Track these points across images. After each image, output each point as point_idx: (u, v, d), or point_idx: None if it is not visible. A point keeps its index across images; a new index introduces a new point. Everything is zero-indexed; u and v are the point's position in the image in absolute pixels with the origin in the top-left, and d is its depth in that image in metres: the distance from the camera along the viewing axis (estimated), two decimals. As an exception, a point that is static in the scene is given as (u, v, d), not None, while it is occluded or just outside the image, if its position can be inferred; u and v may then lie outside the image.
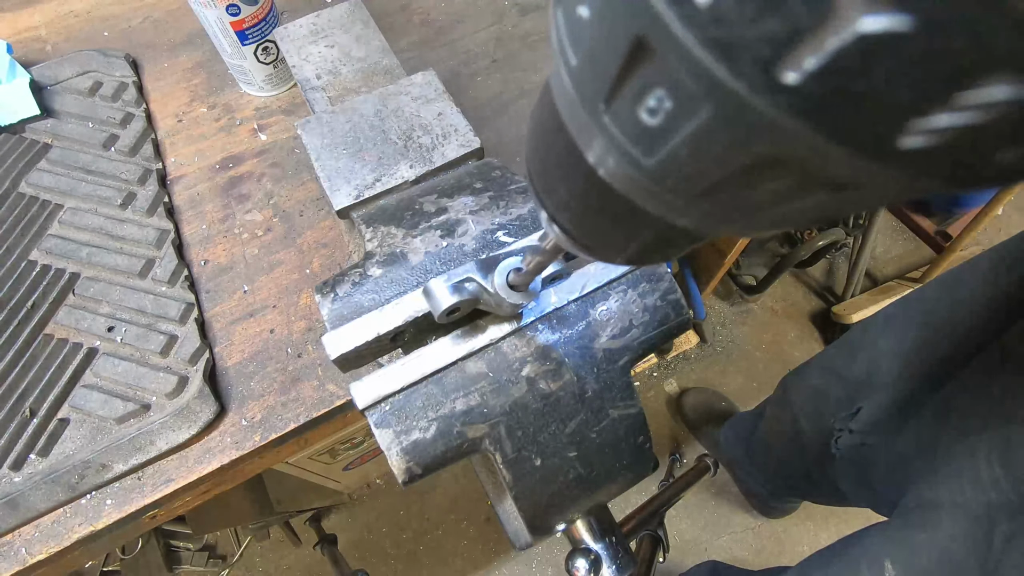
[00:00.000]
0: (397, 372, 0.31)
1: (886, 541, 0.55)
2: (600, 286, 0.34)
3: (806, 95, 0.09)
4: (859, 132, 0.09)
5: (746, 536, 1.30)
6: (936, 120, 0.08)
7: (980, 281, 0.62)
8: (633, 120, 0.12)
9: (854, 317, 1.39)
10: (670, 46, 0.09)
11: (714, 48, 0.09)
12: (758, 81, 0.09)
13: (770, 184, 0.11)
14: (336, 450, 0.95)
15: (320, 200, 0.56)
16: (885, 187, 0.10)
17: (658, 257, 0.19)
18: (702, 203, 0.13)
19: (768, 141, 0.10)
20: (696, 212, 0.13)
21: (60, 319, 0.49)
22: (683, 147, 0.11)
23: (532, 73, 0.64)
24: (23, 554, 0.42)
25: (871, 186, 0.10)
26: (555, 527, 0.36)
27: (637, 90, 0.11)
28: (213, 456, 0.45)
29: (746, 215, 0.13)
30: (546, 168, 0.18)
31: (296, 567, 1.28)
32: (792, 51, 0.08)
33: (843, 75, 0.08)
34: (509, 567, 1.28)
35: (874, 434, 0.69)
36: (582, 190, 0.17)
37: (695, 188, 0.12)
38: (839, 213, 0.12)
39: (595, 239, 0.19)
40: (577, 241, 0.19)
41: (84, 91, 0.60)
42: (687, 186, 0.12)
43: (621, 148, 0.13)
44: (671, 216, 0.14)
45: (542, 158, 0.18)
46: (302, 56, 0.49)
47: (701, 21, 0.09)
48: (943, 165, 0.09)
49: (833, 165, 0.10)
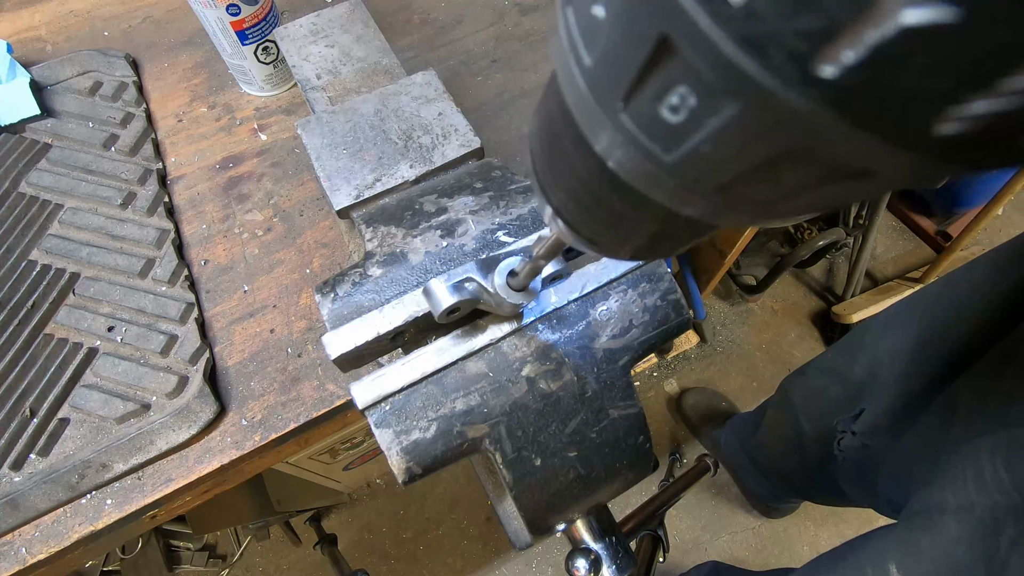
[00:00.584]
0: (397, 372, 0.31)
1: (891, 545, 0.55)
2: (600, 286, 0.34)
3: (841, 88, 0.08)
4: (894, 122, 0.09)
5: (746, 536, 1.30)
6: (973, 107, 0.08)
7: (982, 281, 0.61)
8: (653, 117, 0.11)
9: (854, 317, 1.40)
10: (697, 44, 0.09)
11: (746, 45, 0.09)
12: (792, 76, 0.09)
13: (793, 175, 0.11)
14: (336, 450, 0.95)
15: (320, 200, 0.56)
16: (909, 173, 0.10)
17: (663, 250, 0.19)
18: (718, 195, 0.13)
19: (799, 134, 0.10)
20: (709, 204, 0.13)
21: (60, 319, 0.49)
22: (707, 143, 0.11)
23: (532, 73, 0.64)
24: (23, 554, 0.42)
25: (895, 172, 0.10)
26: (555, 527, 0.36)
27: (658, 88, 0.11)
28: (213, 456, 0.45)
29: (762, 205, 0.13)
30: (552, 162, 0.18)
31: (296, 567, 1.28)
32: (830, 45, 0.08)
33: (881, 67, 0.08)
34: (509, 567, 1.28)
35: (877, 436, 0.69)
36: (590, 184, 0.16)
37: (715, 182, 0.12)
38: (854, 199, 0.12)
39: (601, 233, 0.19)
40: (582, 236, 0.19)
41: (84, 91, 0.60)
42: (708, 180, 0.12)
43: (639, 145, 0.12)
44: (681, 207, 0.14)
45: (548, 152, 0.18)
46: (302, 56, 0.49)
47: (733, 18, 0.09)
48: (971, 150, 0.09)
49: (862, 155, 0.10)
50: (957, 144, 0.09)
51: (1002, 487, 0.47)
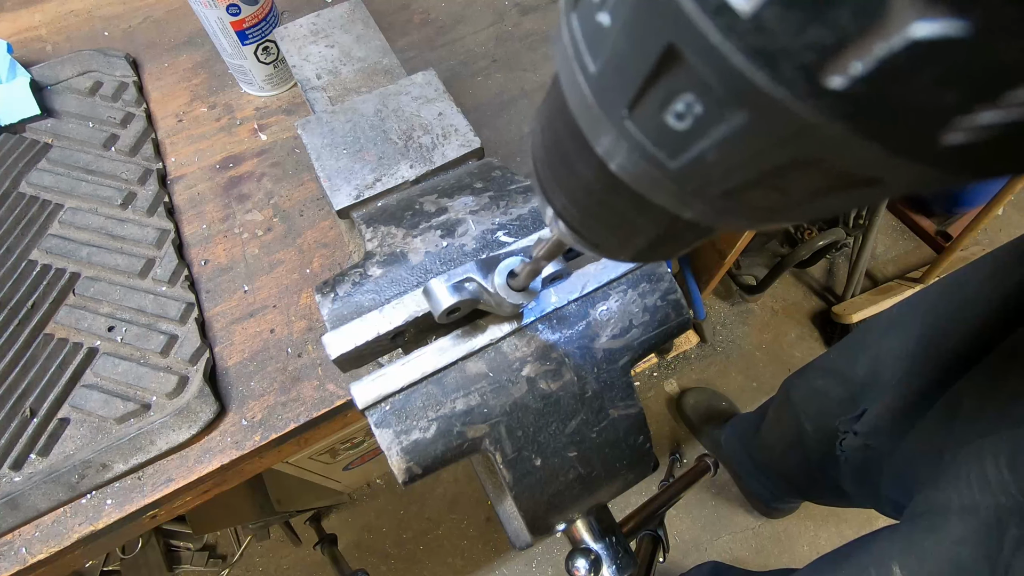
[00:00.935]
0: (397, 372, 0.31)
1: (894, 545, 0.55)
2: (600, 286, 0.34)
3: (849, 98, 0.08)
4: (901, 132, 0.09)
5: (746, 536, 1.30)
6: (981, 118, 0.08)
7: (986, 281, 0.61)
8: (658, 124, 0.11)
9: (854, 317, 1.39)
10: (705, 54, 0.09)
11: (755, 56, 0.09)
12: (800, 86, 0.09)
13: (799, 184, 0.11)
14: (336, 450, 0.95)
15: (320, 200, 0.56)
16: (915, 181, 0.10)
17: (665, 252, 0.19)
18: (723, 201, 0.13)
19: (806, 144, 0.10)
20: (714, 209, 0.13)
21: (60, 319, 0.49)
22: (712, 151, 0.11)
23: (532, 73, 0.64)
24: (23, 554, 0.42)
25: (902, 181, 0.10)
26: (555, 527, 0.36)
27: (664, 96, 0.11)
28: (213, 456, 0.45)
29: (768, 211, 0.13)
30: (554, 165, 0.18)
31: (296, 567, 1.28)
32: (838, 57, 0.08)
33: (890, 78, 0.08)
34: (509, 567, 1.28)
35: (879, 436, 0.69)
36: (593, 187, 0.16)
37: (720, 188, 0.12)
38: (860, 205, 0.12)
39: (603, 236, 0.18)
40: (584, 238, 0.19)
41: (84, 91, 0.60)
42: (713, 187, 0.12)
43: (644, 150, 0.12)
44: (684, 212, 0.14)
45: (550, 154, 0.18)
46: (302, 56, 0.49)
47: (741, 30, 0.09)
48: (978, 159, 0.09)
49: (870, 164, 0.10)
50: (964, 154, 0.09)
51: (1005, 488, 0.47)
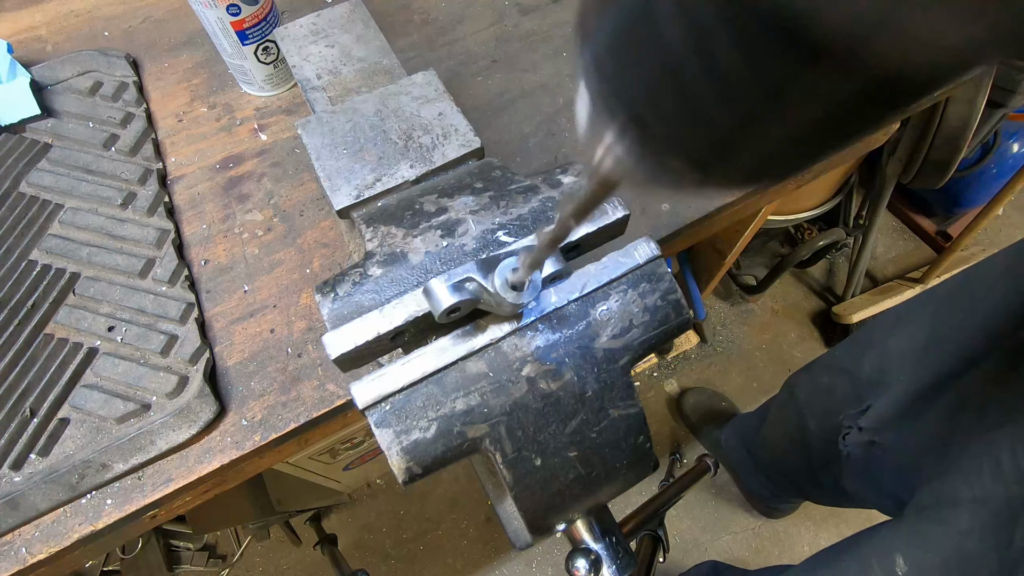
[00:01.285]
0: (397, 372, 0.31)
1: (898, 537, 0.55)
2: (600, 286, 0.34)
3: None
4: None
5: (746, 536, 1.30)
6: None
7: (997, 278, 0.61)
8: None
9: (854, 317, 1.40)
10: None
11: None
12: None
13: None
14: (336, 450, 0.95)
15: (320, 200, 0.56)
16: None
17: (806, 157, 0.13)
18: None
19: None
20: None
21: (60, 319, 0.49)
22: None
23: (532, 73, 0.64)
24: (23, 554, 0.42)
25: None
26: (555, 527, 0.36)
27: None
28: (213, 456, 0.45)
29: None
30: (632, 46, 0.13)
31: (296, 567, 1.28)
32: None
33: None
34: (509, 567, 1.28)
35: (884, 431, 0.69)
36: (718, 46, 0.11)
37: None
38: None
39: (713, 136, 0.13)
40: (679, 151, 0.14)
41: (84, 91, 0.60)
42: None
43: None
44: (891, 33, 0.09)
45: (626, 39, 0.13)
46: (302, 56, 0.49)
47: None
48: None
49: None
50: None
51: (1020, 478, 0.47)
